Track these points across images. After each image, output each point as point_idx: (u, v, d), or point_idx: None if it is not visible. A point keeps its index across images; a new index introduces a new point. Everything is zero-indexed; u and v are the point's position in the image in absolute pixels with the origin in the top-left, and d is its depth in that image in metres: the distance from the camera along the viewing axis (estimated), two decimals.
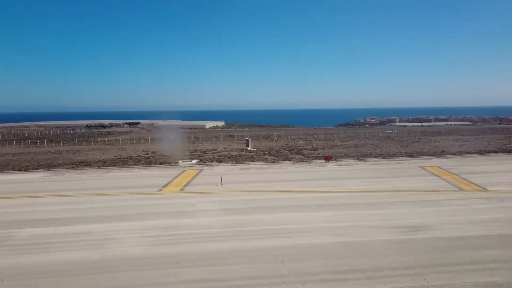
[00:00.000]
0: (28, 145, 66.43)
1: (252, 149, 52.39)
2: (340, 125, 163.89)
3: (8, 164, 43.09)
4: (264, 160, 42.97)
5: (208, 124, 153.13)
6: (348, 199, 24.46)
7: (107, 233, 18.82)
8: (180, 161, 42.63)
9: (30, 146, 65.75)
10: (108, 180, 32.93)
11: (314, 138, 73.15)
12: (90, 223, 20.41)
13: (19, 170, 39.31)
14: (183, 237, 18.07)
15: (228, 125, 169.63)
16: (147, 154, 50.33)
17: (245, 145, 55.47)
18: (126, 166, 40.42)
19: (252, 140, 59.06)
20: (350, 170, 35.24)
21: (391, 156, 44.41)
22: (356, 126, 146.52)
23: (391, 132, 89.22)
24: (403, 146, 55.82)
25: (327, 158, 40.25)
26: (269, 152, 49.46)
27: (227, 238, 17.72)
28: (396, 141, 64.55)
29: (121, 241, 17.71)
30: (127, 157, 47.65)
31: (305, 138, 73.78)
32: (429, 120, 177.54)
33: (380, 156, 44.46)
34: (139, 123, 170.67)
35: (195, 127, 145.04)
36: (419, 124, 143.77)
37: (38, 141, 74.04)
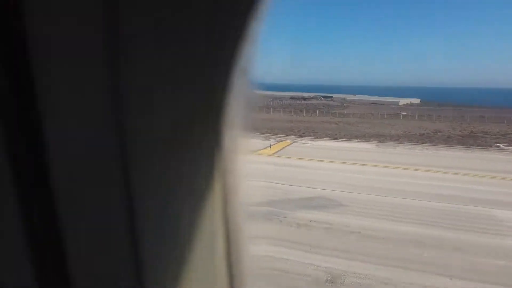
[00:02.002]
0: (291, 113, 73.82)
1: None
2: None
3: (315, 131, 47.34)
4: None
5: (402, 101, 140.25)
6: None
7: None
8: None
9: (293, 114, 72.99)
10: None
11: None
12: None
13: (340, 139, 41.89)
14: None
15: (424, 103, 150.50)
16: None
17: None
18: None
19: None
20: None
21: None
22: None
23: None
24: None
25: None
26: None
27: None
28: None
29: None
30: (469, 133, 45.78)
31: None
32: None
33: None
34: (332, 96, 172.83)
35: (388, 104, 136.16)
36: None
37: (276, 110, 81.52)
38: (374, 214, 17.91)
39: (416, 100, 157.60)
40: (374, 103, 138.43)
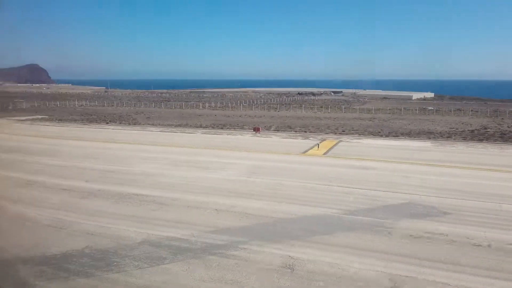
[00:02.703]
0: (313, 110, 72.43)
1: None
2: None
3: (355, 129, 45.65)
4: None
5: (415, 95, 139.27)
6: None
7: None
8: None
9: (316, 110, 71.51)
10: None
11: None
12: None
13: (386, 136, 39.79)
14: None
15: (438, 97, 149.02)
16: None
17: None
18: None
19: None
20: None
21: None
22: None
23: None
24: None
25: None
26: None
27: None
28: None
29: None
30: None
31: None
32: None
33: None
34: (342, 91, 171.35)
35: (400, 98, 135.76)
36: None
37: (293, 106, 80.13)
38: (491, 223, 15.99)
39: (430, 94, 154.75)
40: (386, 97, 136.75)
